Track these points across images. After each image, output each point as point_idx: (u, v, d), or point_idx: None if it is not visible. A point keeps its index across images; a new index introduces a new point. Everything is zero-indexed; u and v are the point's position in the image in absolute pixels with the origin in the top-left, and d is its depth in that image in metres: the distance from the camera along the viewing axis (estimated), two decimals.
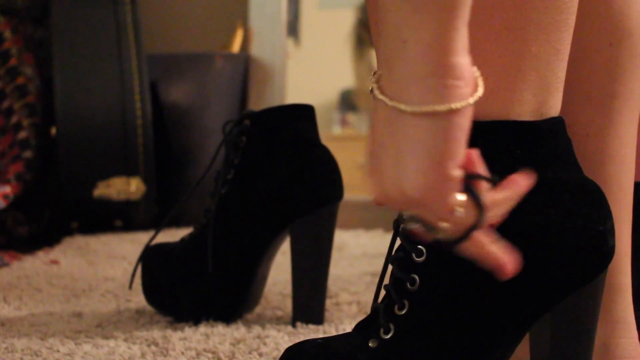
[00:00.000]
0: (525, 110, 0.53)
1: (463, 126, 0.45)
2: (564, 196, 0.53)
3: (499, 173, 0.52)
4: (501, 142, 0.53)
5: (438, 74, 0.44)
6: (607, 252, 0.54)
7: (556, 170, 0.53)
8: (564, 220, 0.53)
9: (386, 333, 0.54)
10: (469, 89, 0.45)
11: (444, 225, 0.46)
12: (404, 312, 0.54)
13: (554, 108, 0.55)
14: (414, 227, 0.47)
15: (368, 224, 1.65)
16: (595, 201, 0.54)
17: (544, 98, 0.54)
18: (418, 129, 0.44)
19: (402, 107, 0.44)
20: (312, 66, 3.60)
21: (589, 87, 0.65)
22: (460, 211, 0.46)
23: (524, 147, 0.53)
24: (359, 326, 0.57)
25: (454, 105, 0.44)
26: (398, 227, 0.56)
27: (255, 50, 1.97)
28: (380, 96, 0.46)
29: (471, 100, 0.45)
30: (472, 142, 0.53)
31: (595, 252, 0.53)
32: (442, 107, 0.44)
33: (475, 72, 0.46)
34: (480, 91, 0.46)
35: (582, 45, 0.64)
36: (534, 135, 0.53)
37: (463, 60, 0.44)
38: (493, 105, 0.53)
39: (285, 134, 0.93)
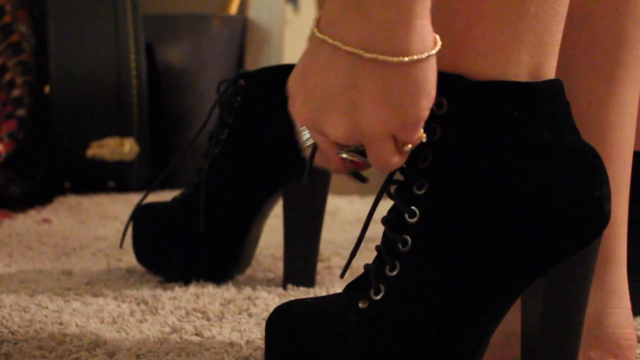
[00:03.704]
0: (522, 71, 0.53)
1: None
2: (560, 159, 0.52)
3: (497, 134, 0.52)
4: (498, 102, 0.52)
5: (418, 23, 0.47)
6: (602, 218, 0.53)
7: (553, 133, 0.53)
8: (559, 184, 0.52)
9: (376, 294, 0.54)
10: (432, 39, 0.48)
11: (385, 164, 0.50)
12: (394, 273, 0.54)
13: (551, 71, 0.55)
14: (345, 156, 0.51)
15: (362, 190, 1.64)
16: (592, 166, 0.53)
17: (541, 60, 0.54)
18: (387, 76, 0.47)
19: (373, 55, 0.47)
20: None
21: (593, 53, 0.64)
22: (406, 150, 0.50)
23: (521, 108, 0.52)
24: (349, 287, 0.57)
25: (431, 52, 0.47)
26: (388, 188, 0.55)
27: (253, 12, 1.95)
28: (334, 42, 0.48)
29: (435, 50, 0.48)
30: (469, 102, 0.52)
31: (591, 218, 0.53)
32: (421, 56, 0.47)
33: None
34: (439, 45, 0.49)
35: (587, 10, 0.63)
36: (532, 96, 0.52)
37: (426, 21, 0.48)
38: (490, 65, 0.52)
39: (281, 94, 0.91)
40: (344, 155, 0.51)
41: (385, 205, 0.56)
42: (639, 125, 0.70)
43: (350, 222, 1.39)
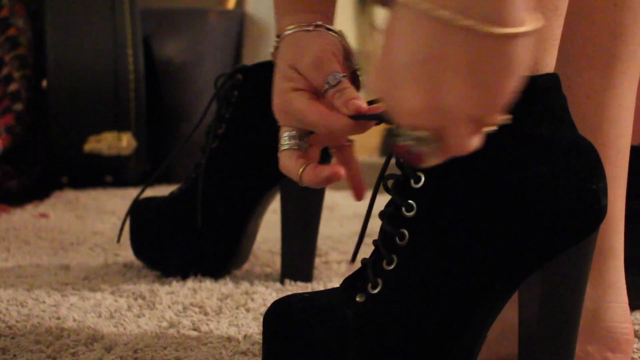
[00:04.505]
0: None
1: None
2: (557, 153, 0.52)
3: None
4: None
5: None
6: (599, 211, 0.53)
7: (550, 127, 0.53)
8: (556, 177, 0.52)
9: (374, 288, 0.54)
10: None
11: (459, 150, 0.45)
12: (392, 267, 0.54)
13: (550, 65, 0.55)
14: (420, 149, 0.45)
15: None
16: (589, 160, 0.53)
17: (539, 54, 0.54)
18: (481, 49, 0.41)
19: (468, 23, 0.41)
20: None
21: (592, 47, 0.64)
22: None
23: (518, 102, 0.52)
24: (346, 281, 0.57)
25: (531, 28, 0.42)
26: (385, 182, 0.55)
27: (251, 7, 1.95)
28: (423, 6, 0.42)
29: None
30: None
31: (587, 211, 0.53)
32: (521, 29, 0.41)
33: None
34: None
35: (586, 5, 0.63)
36: (529, 90, 0.52)
37: None
38: None
39: None
40: (407, 142, 0.45)
41: (383, 199, 0.56)
42: (636, 119, 0.70)
43: (348, 217, 1.38)
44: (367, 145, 2.13)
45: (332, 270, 1.00)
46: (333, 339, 0.53)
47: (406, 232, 0.53)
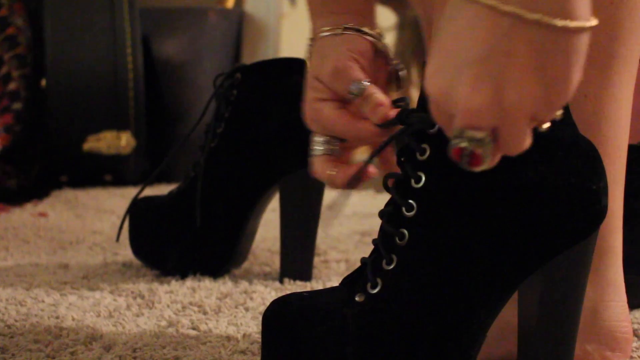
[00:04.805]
0: None
1: None
2: (557, 153, 0.52)
3: None
4: None
5: None
6: (599, 211, 0.53)
7: (550, 126, 0.52)
8: (557, 177, 0.52)
9: (373, 288, 0.54)
10: None
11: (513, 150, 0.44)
12: (391, 267, 0.54)
13: None
14: (476, 151, 0.43)
15: (359, 185, 1.64)
16: (590, 159, 0.53)
17: None
18: (548, 43, 0.41)
19: (536, 16, 0.41)
20: (308, 28, 3.56)
21: (589, 46, 0.64)
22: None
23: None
24: (345, 280, 0.57)
25: (593, 22, 0.42)
26: (385, 181, 0.55)
27: (250, 6, 1.94)
28: (489, 1, 0.41)
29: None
30: None
31: (588, 211, 0.53)
32: (586, 23, 0.41)
33: None
34: None
35: None
36: None
37: None
38: None
39: (277, 88, 0.92)
40: (464, 145, 0.43)
41: (383, 198, 0.56)
42: (634, 118, 0.69)
43: (347, 216, 1.38)
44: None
45: (331, 269, 1.00)
46: (332, 338, 0.53)
47: (406, 232, 0.53)
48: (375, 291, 0.54)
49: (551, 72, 0.42)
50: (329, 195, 0.92)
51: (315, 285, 0.91)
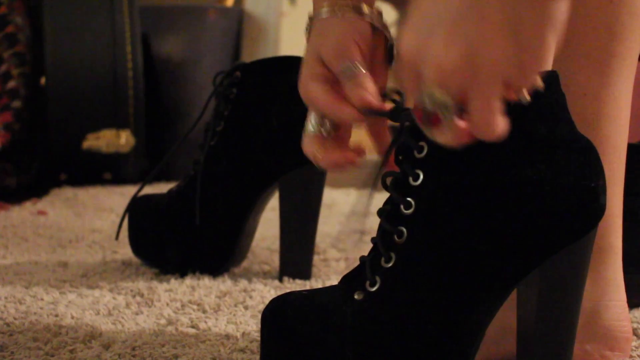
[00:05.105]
0: None
1: None
2: (556, 152, 0.52)
3: None
4: None
5: None
6: (598, 210, 0.53)
7: (549, 125, 0.53)
8: (555, 176, 0.52)
9: (372, 286, 0.54)
10: None
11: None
12: (390, 264, 0.54)
13: (548, 62, 0.54)
14: (438, 111, 0.43)
15: (359, 183, 1.64)
16: (588, 158, 0.53)
17: None
18: (521, 5, 0.41)
19: None
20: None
21: (589, 45, 0.64)
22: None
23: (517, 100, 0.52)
24: (345, 279, 0.57)
25: None
26: (384, 180, 0.55)
27: (250, 4, 1.94)
28: None
29: None
30: None
31: (586, 209, 0.53)
32: None
33: None
34: None
35: (582, 2, 0.63)
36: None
37: None
38: None
39: (277, 86, 0.92)
40: (427, 106, 0.43)
41: (381, 197, 0.56)
42: (633, 116, 0.69)
43: (347, 215, 1.38)
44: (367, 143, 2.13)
45: (330, 267, 1.00)
46: (331, 336, 0.53)
47: (404, 230, 0.53)
48: (374, 289, 0.54)
49: (525, 36, 0.42)
50: (329, 195, 0.92)
51: (315, 283, 0.91)
